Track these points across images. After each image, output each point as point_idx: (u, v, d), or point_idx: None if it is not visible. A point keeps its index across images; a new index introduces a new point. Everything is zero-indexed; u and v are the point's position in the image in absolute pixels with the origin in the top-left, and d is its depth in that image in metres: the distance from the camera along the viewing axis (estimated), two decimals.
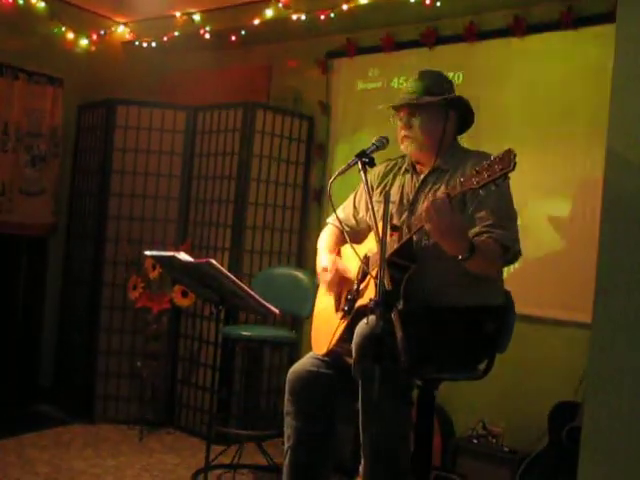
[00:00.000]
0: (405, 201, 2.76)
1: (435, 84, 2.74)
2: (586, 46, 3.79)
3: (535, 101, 3.97)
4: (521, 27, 3.96)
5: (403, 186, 2.80)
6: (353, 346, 2.47)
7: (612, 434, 2.61)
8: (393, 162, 2.94)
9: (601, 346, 2.68)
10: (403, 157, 2.90)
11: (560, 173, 3.87)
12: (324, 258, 2.90)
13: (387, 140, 2.65)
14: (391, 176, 2.89)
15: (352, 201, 3.02)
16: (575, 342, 3.62)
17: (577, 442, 2.74)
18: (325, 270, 2.84)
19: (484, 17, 4.15)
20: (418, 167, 2.81)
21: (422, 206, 2.56)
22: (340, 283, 2.82)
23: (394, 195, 2.78)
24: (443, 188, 2.60)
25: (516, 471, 3.51)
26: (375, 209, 2.51)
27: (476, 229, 2.55)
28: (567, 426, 3.42)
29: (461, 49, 4.22)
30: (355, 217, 2.99)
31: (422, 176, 2.76)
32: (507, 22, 4.02)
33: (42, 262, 5.04)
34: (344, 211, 3.03)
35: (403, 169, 2.85)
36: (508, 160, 2.14)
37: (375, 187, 2.89)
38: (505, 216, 2.58)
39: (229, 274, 3.29)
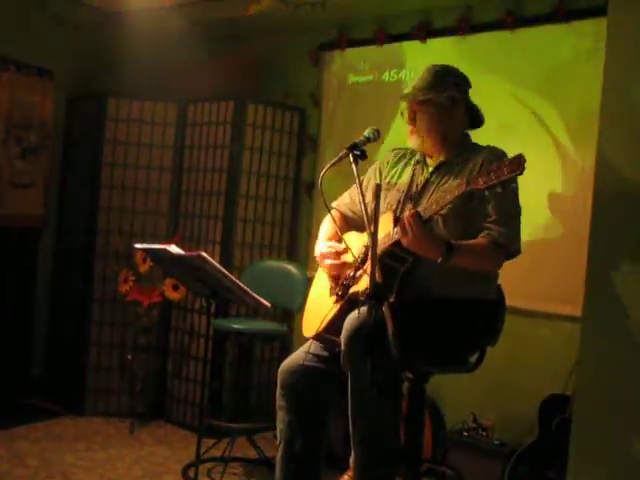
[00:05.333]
0: (413, 192, 2.77)
1: (440, 80, 2.74)
2: (577, 39, 3.79)
3: (527, 92, 3.97)
4: (513, 20, 3.96)
5: (413, 176, 2.81)
6: (342, 338, 2.47)
7: (601, 426, 2.62)
8: (402, 151, 2.94)
9: (591, 339, 2.70)
10: None
11: (551, 167, 3.87)
12: (321, 245, 2.90)
13: (378, 132, 2.67)
14: (401, 165, 2.89)
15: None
16: (565, 335, 3.63)
17: (567, 434, 2.76)
18: (323, 256, 2.84)
19: (477, 9, 4.14)
20: (428, 159, 2.82)
21: (429, 198, 2.62)
22: (340, 266, 2.81)
23: (403, 185, 2.80)
24: (451, 181, 2.63)
25: (506, 464, 3.52)
26: (370, 201, 2.51)
27: (478, 224, 2.58)
28: (557, 419, 3.44)
29: (454, 42, 4.20)
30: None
31: (431, 169, 2.77)
32: (499, 15, 4.02)
33: (32, 254, 5.01)
34: (350, 196, 3.02)
35: (415, 159, 2.86)
36: (518, 164, 2.20)
37: (385, 176, 2.89)
38: (508, 213, 2.60)
39: (220, 267, 3.29)
